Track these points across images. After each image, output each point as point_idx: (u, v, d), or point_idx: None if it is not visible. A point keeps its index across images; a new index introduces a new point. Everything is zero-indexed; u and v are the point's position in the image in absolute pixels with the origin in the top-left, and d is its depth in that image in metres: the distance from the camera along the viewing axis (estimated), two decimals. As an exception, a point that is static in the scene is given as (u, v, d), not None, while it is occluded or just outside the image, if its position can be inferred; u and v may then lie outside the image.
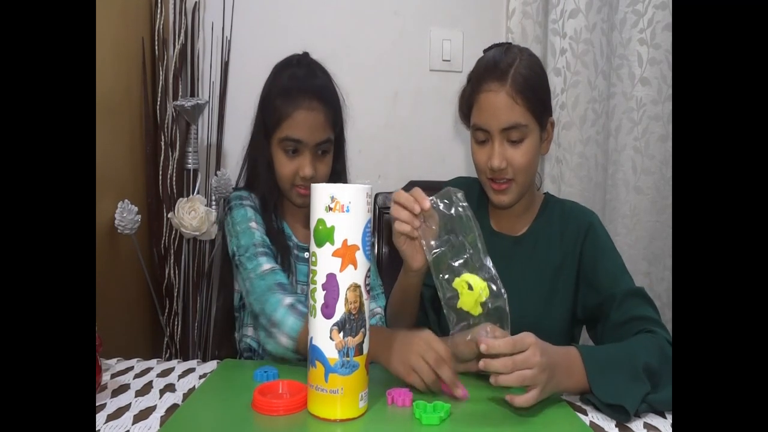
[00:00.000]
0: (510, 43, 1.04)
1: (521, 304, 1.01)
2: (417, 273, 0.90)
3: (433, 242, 0.82)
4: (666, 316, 1.68)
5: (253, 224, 1.06)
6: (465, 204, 0.83)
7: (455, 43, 1.70)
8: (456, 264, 0.81)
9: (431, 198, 0.83)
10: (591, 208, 1.61)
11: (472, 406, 0.79)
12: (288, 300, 0.94)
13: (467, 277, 0.79)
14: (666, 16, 1.63)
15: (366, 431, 0.73)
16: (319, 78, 1.10)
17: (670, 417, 0.80)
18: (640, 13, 1.64)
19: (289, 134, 1.05)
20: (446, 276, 0.81)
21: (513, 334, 1.01)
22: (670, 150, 1.66)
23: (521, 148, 0.97)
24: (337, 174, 1.16)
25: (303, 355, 0.90)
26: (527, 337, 0.76)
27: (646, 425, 0.77)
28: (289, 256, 1.10)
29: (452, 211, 0.83)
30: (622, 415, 0.77)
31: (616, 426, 0.76)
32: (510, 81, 0.96)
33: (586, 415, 0.79)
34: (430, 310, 1.09)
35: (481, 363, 0.75)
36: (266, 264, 1.00)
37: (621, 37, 1.66)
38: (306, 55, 1.15)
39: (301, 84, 1.07)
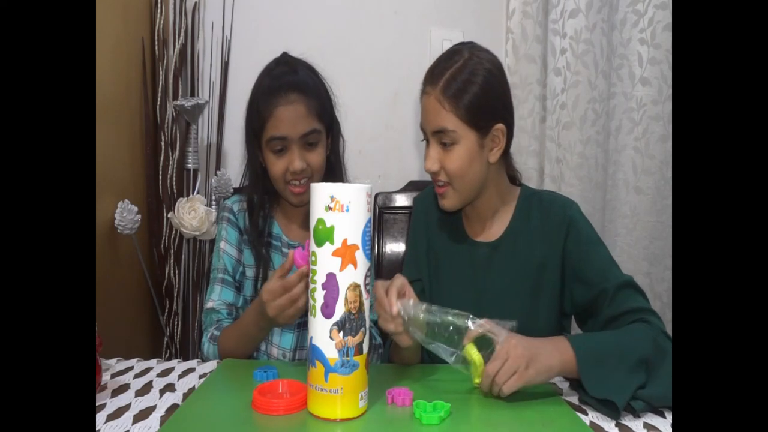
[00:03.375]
0: (466, 44, 1.01)
1: (506, 308, 1.01)
2: (407, 348, 0.90)
3: (419, 334, 0.83)
4: (666, 316, 1.68)
5: (222, 244, 1.14)
6: (416, 307, 0.82)
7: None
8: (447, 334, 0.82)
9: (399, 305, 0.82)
10: (591, 208, 1.64)
11: (472, 406, 0.79)
12: (209, 333, 1.07)
13: (469, 351, 0.80)
14: (666, 16, 1.63)
15: (366, 431, 0.73)
16: (300, 73, 1.09)
17: (670, 417, 0.80)
18: (640, 13, 1.64)
19: (274, 133, 1.05)
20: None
21: None
22: (671, 150, 1.66)
23: (452, 153, 0.96)
24: (332, 167, 1.15)
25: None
26: (502, 350, 0.79)
27: (646, 425, 0.77)
28: (268, 254, 1.14)
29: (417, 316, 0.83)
30: (612, 411, 0.78)
31: (615, 426, 0.76)
32: (441, 85, 0.94)
33: (586, 414, 0.79)
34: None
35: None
36: (213, 298, 1.11)
37: (621, 37, 1.66)
38: (285, 54, 1.15)
39: (278, 82, 1.07)
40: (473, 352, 0.80)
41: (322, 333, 0.73)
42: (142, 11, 1.52)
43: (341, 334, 0.73)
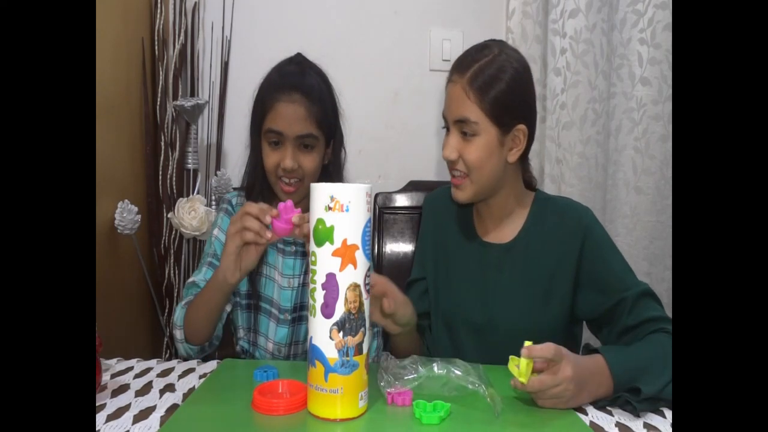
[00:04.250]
0: (497, 41, 1.01)
1: (516, 310, 1.01)
2: (404, 339, 0.91)
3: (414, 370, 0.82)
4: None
5: (216, 231, 1.16)
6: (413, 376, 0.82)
7: (455, 43, 1.70)
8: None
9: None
10: (591, 208, 1.62)
11: (472, 406, 0.79)
12: (184, 300, 1.07)
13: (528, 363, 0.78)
14: (666, 16, 1.63)
15: (366, 431, 0.73)
16: (309, 77, 1.10)
17: (670, 417, 0.80)
18: (640, 13, 1.64)
19: (271, 126, 1.06)
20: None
21: (510, 341, 1.03)
22: (671, 150, 1.66)
23: (473, 143, 0.96)
24: (329, 175, 1.15)
25: (194, 344, 1.04)
26: (563, 349, 0.78)
27: (646, 425, 0.77)
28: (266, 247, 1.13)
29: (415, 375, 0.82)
30: (635, 396, 0.79)
31: (615, 426, 0.76)
32: (469, 74, 0.95)
33: (587, 415, 0.79)
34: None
35: (512, 381, 0.78)
36: (197, 276, 1.11)
37: (621, 37, 1.66)
38: (299, 54, 1.15)
39: (284, 80, 1.08)
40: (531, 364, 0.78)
41: (321, 333, 0.73)
42: (142, 11, 1.52)
43: (341, 334, 0.73)
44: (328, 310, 0.73)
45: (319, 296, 0.73)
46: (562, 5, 1.60)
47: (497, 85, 0.94)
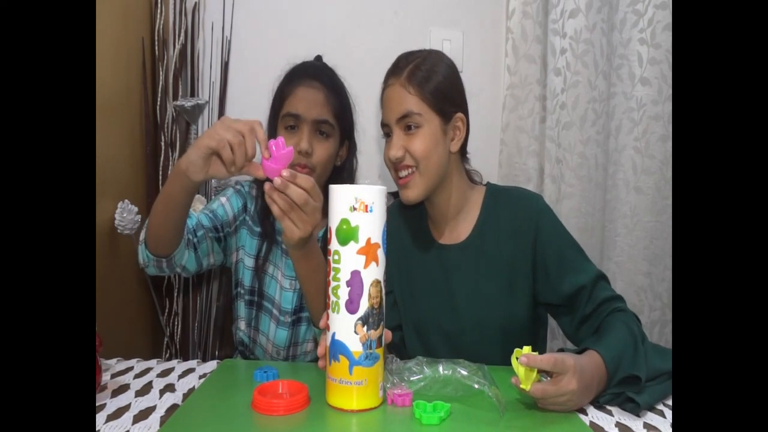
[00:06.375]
0: (424, 50, 1.04)
1: (483, 306, 1.02)
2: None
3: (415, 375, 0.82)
4: (666, 316, 1.68)
5: (222, 199, 1.16)
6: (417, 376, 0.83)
7: (455, 43, 1.70)
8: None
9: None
10: (591, 208, 1.64)
11: (471, 406, 0.79)
12: None
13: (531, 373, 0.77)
14: (666, 16, 1.63)
15: (366, 431, 0.73)
16: (330, 71, 1.14)
17: (670, 417, 0.80)
18: (640, 13, 1.64)
19: (289, 110, 1.08)
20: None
21: (482, 339, 1.03)
22: (671, 150, 1.66)
23: (417, 135, 0.98)
24: (342, 179, 1.16)
25: (151, 249, 0.98)
26: (567, 360, 0.77)
27: (646, 425, 0.77)
28: (273, 246, 1.16)
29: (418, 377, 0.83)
30: (634, 386, 0.80)
31: (615, 426, 0.76)
32: (405, 73, 0.98)
33: (586, 415, 0.79)
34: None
35: (514, 379, 0.77)
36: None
37: (621, 37, 1.66)
38: (319, 56, 1.20)
39: (305, 69, 1.12)
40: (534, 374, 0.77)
41: (346, 328, 0.75)
42: (142, 11, 1.52)
43: (365, 328, 0.75)
44: (352, 306, 0.75)
45: (344, 293, 0.75)
46: (562, 5, 1.60)
47: (434, 77, 0.98)
